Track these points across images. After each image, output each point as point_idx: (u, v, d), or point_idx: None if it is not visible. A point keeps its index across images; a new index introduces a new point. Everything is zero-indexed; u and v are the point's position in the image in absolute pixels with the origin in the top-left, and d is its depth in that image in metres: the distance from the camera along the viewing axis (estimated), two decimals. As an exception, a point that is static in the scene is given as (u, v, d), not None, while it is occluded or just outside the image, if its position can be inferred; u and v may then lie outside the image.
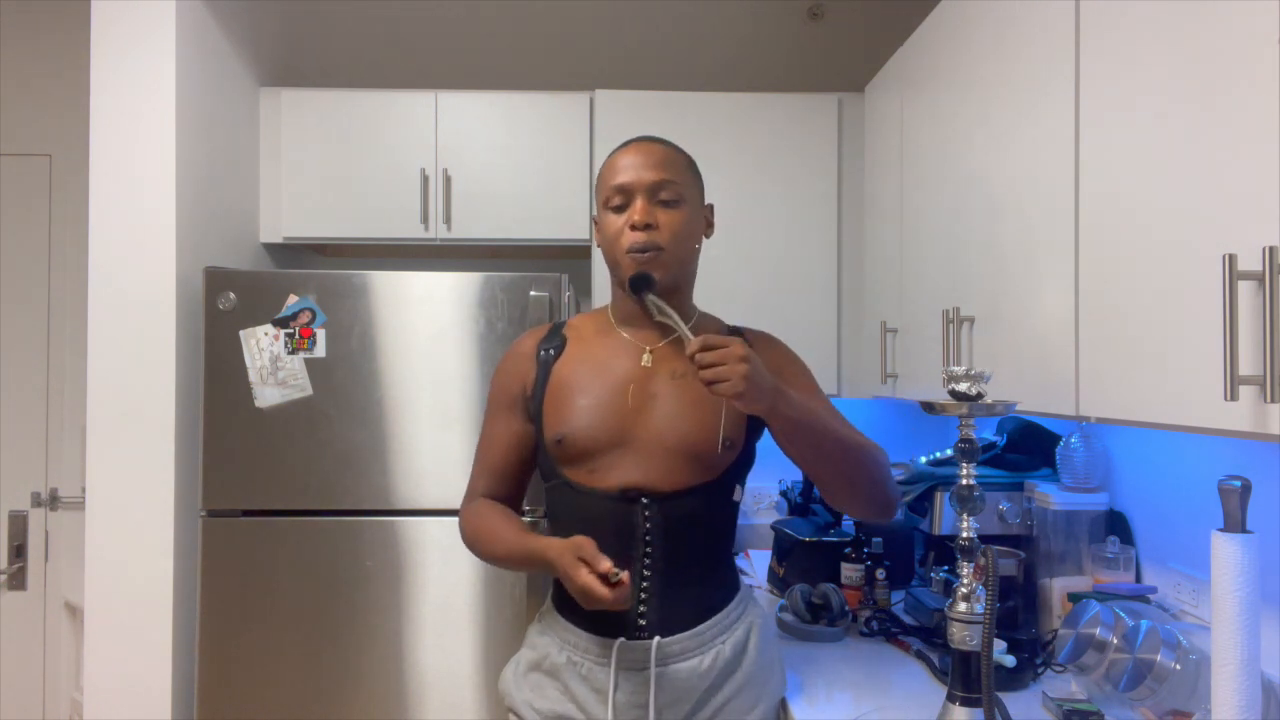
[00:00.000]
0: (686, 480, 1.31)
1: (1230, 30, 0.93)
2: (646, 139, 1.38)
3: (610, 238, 1.33)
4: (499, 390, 1.43)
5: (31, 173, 2.56)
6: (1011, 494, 1.88)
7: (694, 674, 1.29)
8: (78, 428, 2.49)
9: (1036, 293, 1.36)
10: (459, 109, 2.38)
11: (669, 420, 1.30)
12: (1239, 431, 0.90)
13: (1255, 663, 1.01)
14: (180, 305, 1.97)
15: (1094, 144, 1.21)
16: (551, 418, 1.34)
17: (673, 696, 1.29)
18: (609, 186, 1.34)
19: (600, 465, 1.31)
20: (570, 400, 1.33)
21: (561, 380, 1.36)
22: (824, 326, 2.41)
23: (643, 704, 1.27)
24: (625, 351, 1.37)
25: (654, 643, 1.28)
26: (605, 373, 1.34)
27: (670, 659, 1.29)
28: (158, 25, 1.95)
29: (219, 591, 1.96)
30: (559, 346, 1.40)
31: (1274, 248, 0.82)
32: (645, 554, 1.29)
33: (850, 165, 2.41)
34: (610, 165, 1.36)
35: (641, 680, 1.28)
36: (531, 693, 1.35)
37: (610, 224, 1.34)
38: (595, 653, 1.30)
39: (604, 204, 1.35)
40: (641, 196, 1.31)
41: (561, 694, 1.32)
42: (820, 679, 1.62)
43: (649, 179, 1.31)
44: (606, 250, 1.36)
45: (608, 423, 1.31)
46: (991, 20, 1.53)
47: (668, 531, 1.30)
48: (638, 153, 1.34)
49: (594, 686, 1.30)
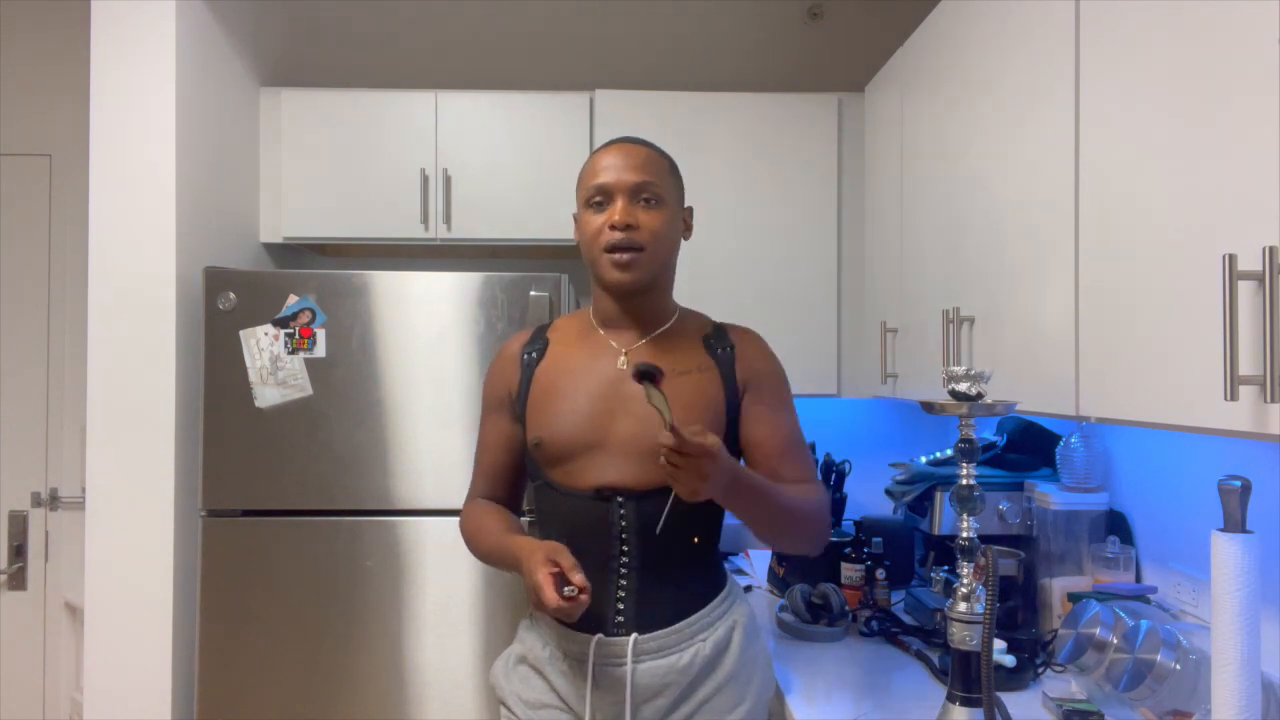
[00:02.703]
0: (662, 479, 1.26)
1: (1230, 30, 0.93)
2: (628, 140, 1.39)
3: (589, 236, 1.35)
4: (489, 394, 1.47)
5: (31, 173, 2.56)
6: (1011, 494, 1.88)
7: (672, 670, 1.30)
8: (78, 428, 2.49)
9: (1036, 293, 1.36)
10: (459, 109, 2.38)
11: (644, 421, 1.29)
12: (1239, 431, 0.90)
13: (1255, 663, 1.01)
14: (180, 305, 1.97)
15: (1094, 144, 1.21)
16: (532, 420, 1.37)
17: (650, 693, 1.31)
18: (589, 185, 1.35)
19: (577, 466, 1.33)
20: (549, 403, 1.36)
21: (542, 384, 1.38)
22: (824, 326, 2.41)
23: (620, 699, 1.29)
24: (604, 353, 1.38)
25: (630, 639, 1.30)
26: (583, 375, 1.36)
27: (647, 655, 1.30)
28: (158, 25, 1.95)
29: (219, 591, 1.96)
30: (541, 350, 1.42)
31: (1274, 248, 0.82)
32: (622, 552, 1.32)
33: (850, 165, 2.41)
34: (591, 165, 1.37)
35: (619, 676, 1.29)
36: (520, 684, 1.38)
37: (590, 222, 1.35)
38: (575, 649, 1.32)
39: (584, 202, 1.36)
40: (622, 197, 1.32)
41: (547, 687, 1.36)
42: (820, 679, 1.62)
43: (630, 180, 1.32)
44: (585, 249, 1.37)
45: (583, 424, 1.33)
46: (991, 20, 1.53)
47: (643, 530, 1.31)
48: (619, 153, 1.35)
49: (574, 681, 1.33)
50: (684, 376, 1.34)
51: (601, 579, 1.31)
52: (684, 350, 1.38)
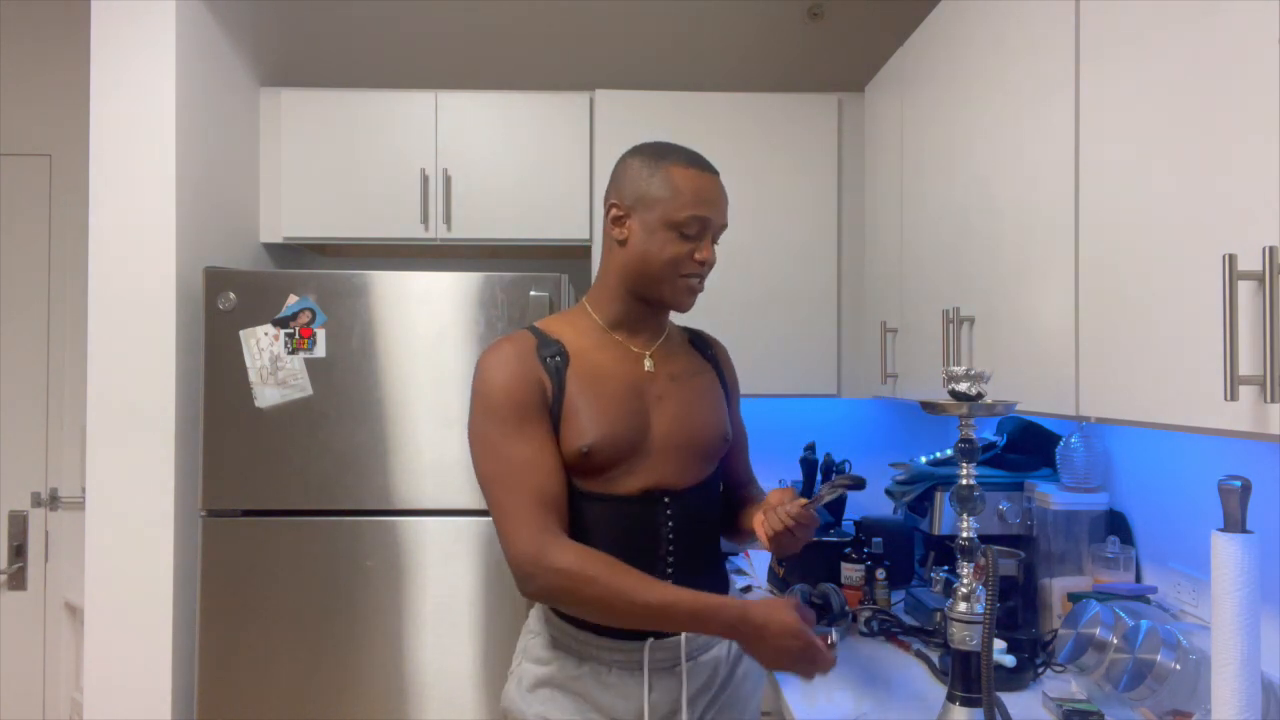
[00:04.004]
0: (696, 475, 1.36)
1: (1230, 30, 0.93)
2: (710, 166, 1.35)
3: (668, 259, 1.30)
4: (518, 400, 1.27)
5: (31, 173, 2.56)
6: (1011, 494, 1.88)
7: (718, 663, 1.35)
8: (78, 428, 2.49)
9: (1036, 293, 1.36)
10: (459, 109, 2.38)
11: (677, 420, 1.34)
12: (1239, 431, 0.90)
13: (1255, 663, 1.01)
14: (180, 305, 1.97)
15: (1094, 143, 1.20)
16: (574, 429, 1.28)
17: (701, 687, 1.33)
18: (688, 214, 1.28)
19: (618, 473, 1.30)
20: (588, 408, 1.29)
21: (577, 389, 1.30)
22: (824, 326, 2.41)
23: (675, 699, 1.30)
24: (626, 356, 1.37)
25: (682, 638, 1.30)
26: (615, 379, 1.33)
27: (697, 651, 1.33)
28: (158, 25, 1.95)
29: (219, 591, 1.96)
30: (563, 354, 1.32)
31: (1274, 248, 0.82)
32: (669, 550, 1.32)
33: (850, 165, 2.41)
34: (686, 186, 1.29)
35: (673, 677, 1.30)
36: (543, 706, 1.32)
37: (674, 246, 1.30)
38: (624, 657, 1.29)
39: (672, 224, 1.29)
40: (712, 235, 1.34)
41: (581, 705, 1.30)
42: (820, 679, 1.62)
43: (723, 222, 1.35)
44: (656, 266, 1.30)
45: (628, 429, 1.31)
46: (991, 20, 1.53)
47: (687, 526, 1.34)
48: (716, 187, 1.33)
49: (623, 693, 1.29)
50: (700, 377, 1.42)
51: None
52: (686, 353, 1.45)
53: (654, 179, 1.30)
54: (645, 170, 1.31)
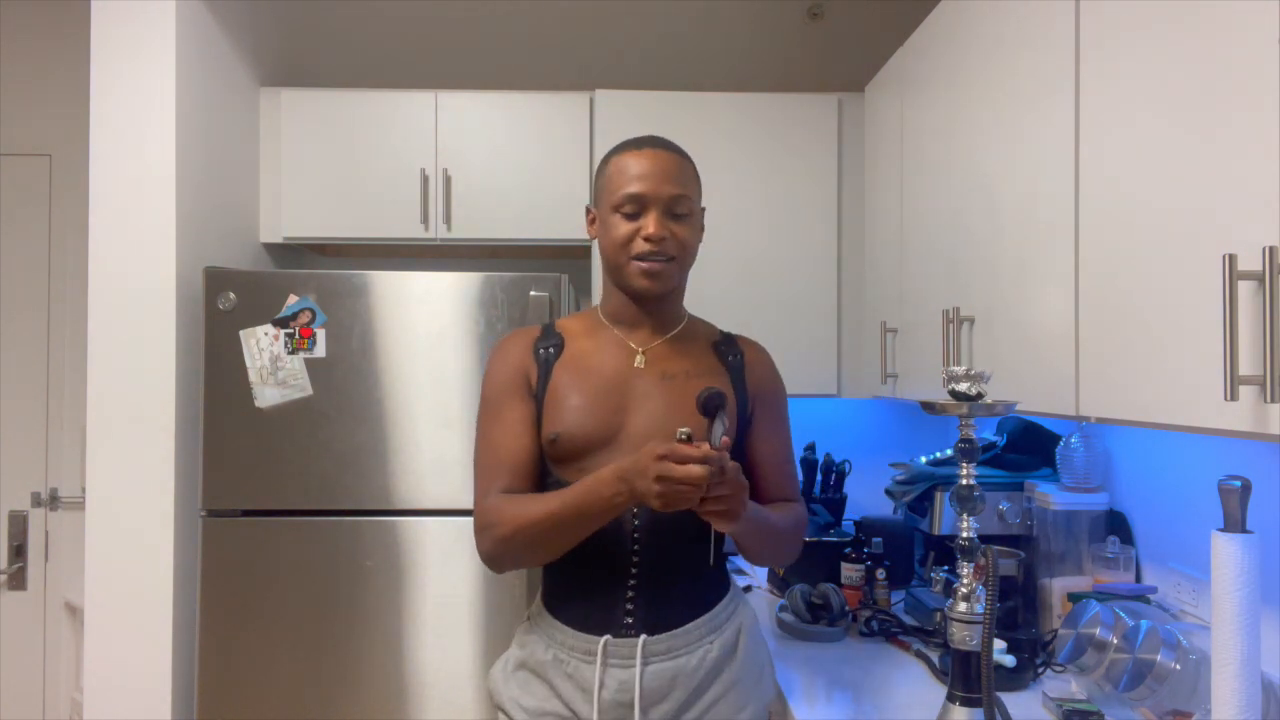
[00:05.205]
0: None
1: (1230, 30, 0.93)
2: (659, 143, 1.35)
3: (617, 242, 1.33)
4: (502, 380, 1.36)
5: (31, 173, 2.56)
6: (1011, 494, 1.88)
7: (681, 672, 1.30)
8: (78, 428, 2.49)
9: (1036, 293, 1.36)
10: (459, 109, 2.38)
11: (658, 421, 1.30)
12: (1239, 431, 0.90)
13: (1255, 663, 1.01)
14: (180, 305, 1.97)
15: (1094, 143, 1.21)
16: (550, 416, 1.33)
17: (659, 695, 1.29)
18: (621, 193, 1.31)
19: (590, 464, 1.29)
20: (566, 398, 1.33)
21: (560, 379, 1.35)
22: (824, 327, 2.41)
23: (628, 702, 1.28)
24: (617, 349, 1.37)
25: (640, 640, 1.28)
26: (598, 371, 1.35)
27: (656, 657, 1.29)
28: (158, 25, 1.95)
29: (219, 591, 1.96)
30: (558, 346, 1.38)
31: (1274, 248, 0.82)
32: (633, 552, 1.30)
33: (850, 165, 2.41)
34: (622, 168, 1.33)
35: (628, 678, 1.28)
36: (519, 690, 1.35)
37: (618, 228, 1.32)
38: (582, 650, 1.30)
39: (613, 207, 1.33)
40: (656, 209, 1.31)
41: (548, 692, 1.33)
42: (820, 679, 1.62)
43: (666, 193, 1.31)
44: (610, 252, 1.35)
45: (599, 421, 1.31)
46: (991, 20, 1.54)
47: (655, 531, 1.30)
48: (653, 161, 1.32)
49: (580, 684, 1.30)
50: (701, 379, 1.36)
51: (612, 580, 1.30)
52: (696, 354, 1.40)
53: (602, 174, 1.38)
54: (600, 168, 1.39)
